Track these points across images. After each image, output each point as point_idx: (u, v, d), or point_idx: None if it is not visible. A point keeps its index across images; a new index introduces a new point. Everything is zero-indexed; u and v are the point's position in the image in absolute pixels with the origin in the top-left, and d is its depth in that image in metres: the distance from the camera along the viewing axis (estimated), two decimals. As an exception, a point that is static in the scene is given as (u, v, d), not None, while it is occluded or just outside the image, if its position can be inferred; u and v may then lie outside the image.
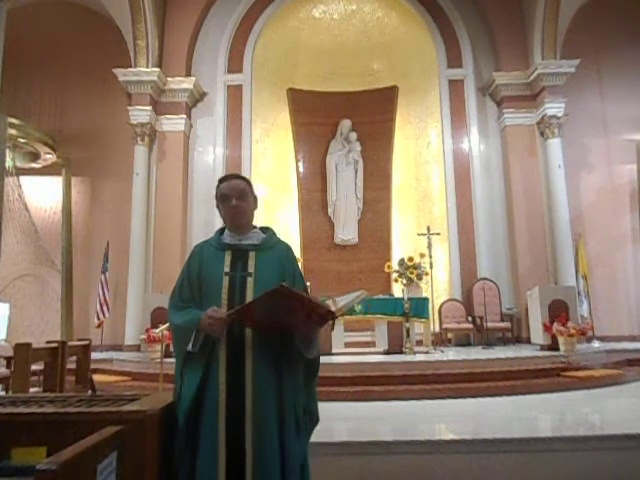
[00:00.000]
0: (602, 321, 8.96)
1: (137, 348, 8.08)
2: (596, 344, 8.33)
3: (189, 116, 9.63)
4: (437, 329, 8.38)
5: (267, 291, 1.66)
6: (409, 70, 10.40)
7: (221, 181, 1.97)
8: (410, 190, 10.43)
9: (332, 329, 6.39)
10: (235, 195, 1.90)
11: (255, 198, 2.00)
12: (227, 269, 1.84)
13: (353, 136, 10.64)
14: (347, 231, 10.41)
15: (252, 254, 1.87)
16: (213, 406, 1.69)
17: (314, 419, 1.87)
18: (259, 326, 1.74)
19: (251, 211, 1.96)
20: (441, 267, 9.27)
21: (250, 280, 1.82)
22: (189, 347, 1.75)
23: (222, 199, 1.93)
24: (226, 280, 1.82)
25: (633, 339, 8.82)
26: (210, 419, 1.68)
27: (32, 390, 3.89)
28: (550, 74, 9.06)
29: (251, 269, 1.84)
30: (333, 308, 1.75)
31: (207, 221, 8.95)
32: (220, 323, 1.68)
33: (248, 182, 1.99)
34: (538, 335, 7.27)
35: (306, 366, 1.82)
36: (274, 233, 2.01)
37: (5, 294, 8.99)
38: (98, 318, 8.73)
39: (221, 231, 1.99)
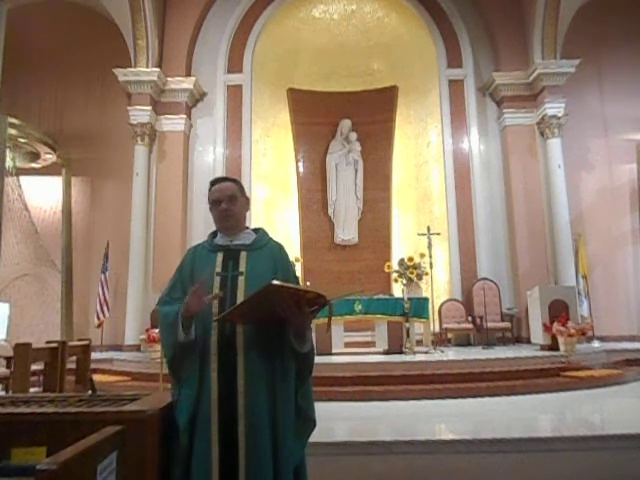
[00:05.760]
0: (602, 321, 8.95)
1: (137, 348, 8.08)
2: (596, 344, 8.32)
3: (189, 116, 9.63)
4: (437, 329, 8.38)
5: (256, 291, 1.64)
6: (409, 70, 10.38)
7: (212, 184, 2.00)
8: (410, 190, 10.43)
9: (327, 330, 6.40)
10: (224, 198, 1.92)
11: (247, 200, 2.02)
12: (218, 269, 1.85)
13: (353, 136, 10.63)
14: (347, 231, 10.40)
15: (243, 254, 1.89)
16: (206, 410, 1.69)
17: (311, 423, 1.84)
18: (247, 322, 1.74)
19: (241, 213, 1.98)
20: (441, 267, 9.27)
21: (241, 279, 1.82)
22: (180, 337, 1.73)
23: (212, 202, 1.96)
24: (217, 280, 1.83)
25: (633, 339, 8.81)
26: (203, 422, 1.68)
27: (32, 390, 3.89)
28: (550, 74, 9.06)
29: (242, 268, 1.85)
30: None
31: (207, 221, 8.92)
32: (196, 297, 1.68)
33: (238, 184, 2.01)
34: (538, 335, 7.28)
35: (299, 363, 1.81)
36: (265, 233, 2.02)
37: (5, 294, 9.00)
38: (98, 318, 8.72)
39: (214, 234, 2.01)
